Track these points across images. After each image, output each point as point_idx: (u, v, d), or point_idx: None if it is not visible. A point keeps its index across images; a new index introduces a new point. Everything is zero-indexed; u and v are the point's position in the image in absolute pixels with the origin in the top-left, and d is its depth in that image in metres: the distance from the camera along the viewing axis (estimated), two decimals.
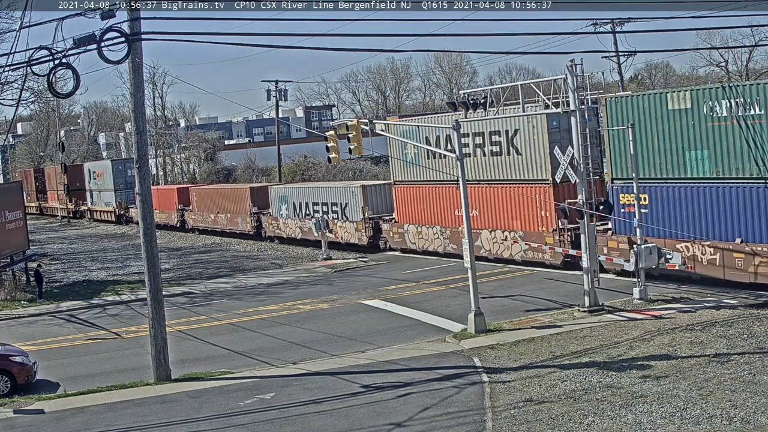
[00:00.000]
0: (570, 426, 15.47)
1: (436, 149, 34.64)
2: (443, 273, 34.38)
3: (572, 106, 25.04)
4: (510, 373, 19.40)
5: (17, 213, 40.57)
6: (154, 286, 21.40)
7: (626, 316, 24.05)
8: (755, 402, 15.83)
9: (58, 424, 18.10)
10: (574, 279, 28.47)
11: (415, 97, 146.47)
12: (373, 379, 19.76)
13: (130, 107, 21.84)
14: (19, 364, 21.25)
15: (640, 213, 26.60)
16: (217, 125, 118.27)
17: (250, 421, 17.39)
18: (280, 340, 24.99)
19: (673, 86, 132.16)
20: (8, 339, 25.74)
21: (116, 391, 20.31)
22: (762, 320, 22.21)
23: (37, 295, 35.96)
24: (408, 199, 40.30)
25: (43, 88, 41.20)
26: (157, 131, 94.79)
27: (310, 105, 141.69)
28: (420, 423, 16.42)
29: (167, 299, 26.91)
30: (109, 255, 52.06)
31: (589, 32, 47.41)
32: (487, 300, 26.69)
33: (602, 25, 54.68)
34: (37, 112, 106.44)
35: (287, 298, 32.20)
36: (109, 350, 25.72)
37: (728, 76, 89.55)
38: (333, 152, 28.91)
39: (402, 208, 40.78)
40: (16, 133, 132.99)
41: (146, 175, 21.51)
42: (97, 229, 74.78)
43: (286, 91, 70.76)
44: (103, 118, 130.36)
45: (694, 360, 19.12)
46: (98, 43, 17.97)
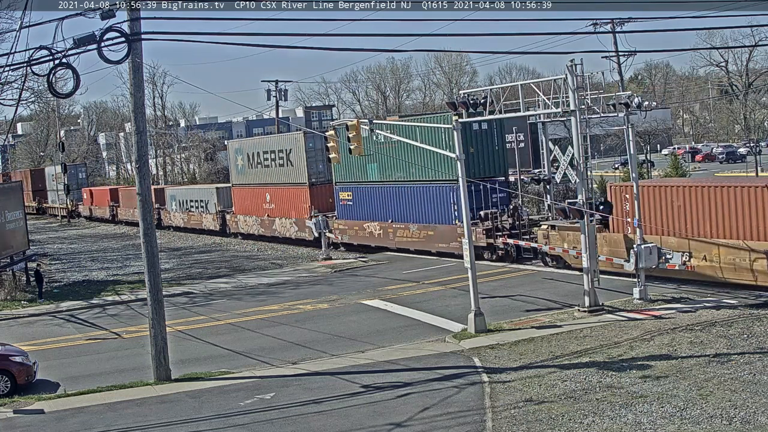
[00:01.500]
0: (570, 426, 15.47)
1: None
2: (443, 273, 34.38)
3: (572, 106, 25.03)
4: (510, 373, 19.40)
5: (17, 213, 40.59)
6: (154, 286, 21.39)
7: (626, 316, 24.05)
8: (755, 402, 15.83)
9: (58, 424, 18.10)
10: (574, 279, 28.48)
11: (415, 97, 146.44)
12: (373, 379, 19.76)
13: (130, 107, 21.82)
14: (19, 364, 21.24)
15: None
16: (217, 125, 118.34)
17: (250, 421, 17.39)
18: (280, 340, 24.99)
19: (672, 86, 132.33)
20: (8, 339, 25.73)
21: (116, 391, 20.30)
22: (762, 320, 22.21)
23: (37, 295, 35.96)
24: (238, 197, 54.68)
25: (43, 88, 41.20)
26: (157, 131, 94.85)
27: (310, 105, 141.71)
28: (420, 423, 16.42)
29: (167, 299, 26.90)
30: (109, 255, 52.09)
31: (589, 32, 47.47)
32: (487, 300, 26.69)
33: (602, 25, 54.64)
34: (37, 112, 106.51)
35: (287, 298, 32.20)
36: (109, 350, 25.72)
37: (728, 76, 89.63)
38: (333, 152, 28.91)
39: (237, 204, 54.96)
40: (16, 133, 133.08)
41: (146, 175, 21.51)
42: (97, 229, 74.91)
43: (286, 91, 70.82)
44: (103, 118, 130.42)
45: (694, 360, 19.12)
46: (98, 43, 17.95)
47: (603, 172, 74.38)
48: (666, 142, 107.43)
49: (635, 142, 27.49)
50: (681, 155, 78.20)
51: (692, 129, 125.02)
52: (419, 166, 36.98)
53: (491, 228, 34.84)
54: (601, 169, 76.55)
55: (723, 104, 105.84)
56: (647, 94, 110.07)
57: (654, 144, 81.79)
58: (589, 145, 25.96)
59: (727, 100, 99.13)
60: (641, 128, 56.61)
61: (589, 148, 25.92)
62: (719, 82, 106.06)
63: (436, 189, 37.31)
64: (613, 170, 77.37)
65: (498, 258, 34.94)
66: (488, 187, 35.46)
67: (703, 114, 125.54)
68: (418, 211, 38.64)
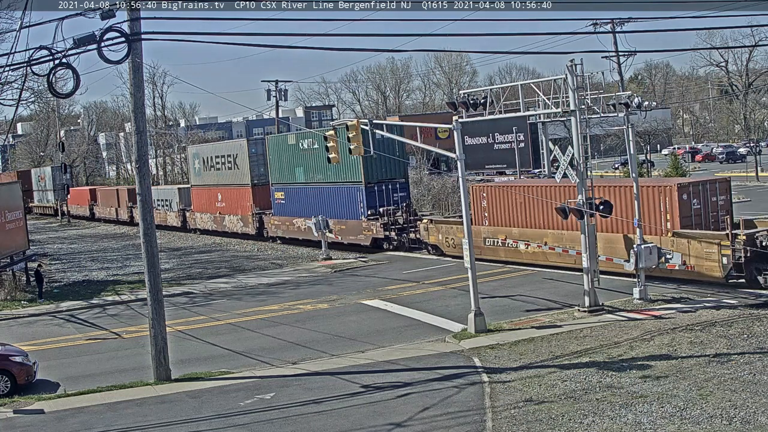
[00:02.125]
0: (570, 426, 15.47)
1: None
2: (443, 273, 34.39)
3: (572, 106, 25.02)
4: (510, 373, 19.40)
5: (17, 213, 40.58)
6: (154, 286, 21.39)
7: (626, 316, 24.04)
8: (755, 402, 15.83)
9: (58, 424, 18.09)
10: (574, 279, 28.48)
11: (415, 97, 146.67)
12: (373, 379, 19.76)
13: (130, 107, 21.82)
14: (19, 364, 21.23)
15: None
16: (217, 125, 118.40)
17: (250, 421, 17.39)
18: (280, 340, 24.99)
19: (672, 86, 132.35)
20: (8, 339, 25.72)
21: (116, 391, 20.29)
22: (762, 320, 22.21)
23: (37, 295, 35.94)
24: (196, 197, 60.47)
25: (43, 88, 41.22)
26: (157, 131, 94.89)
27: (310, 105, 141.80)
28: (420, 423, 16.42)
29: (167, 299, 26.90)
30: (109, 255, 52.09)
31: (589, 32, 47.52)
32: (487, 300, 26.68)
33: (602, 25, 54.72)
34: (37, 112, 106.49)
35: (287, 298, 32.20)
36: (109, 350, 25.72)
37: (728, 76, 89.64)
38: (333, 152, 28.90)
39: (195, 202, 60.81)
40: (16, 133, 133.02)
41: (146, 175, 21.49)
42: (97, 229, 74.92)
43: (286, 91, 70.80)
44: (103, 118, 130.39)
45: (694, 360, 19.12)
46: (98, 43, 17.95)
47: (603, 172, 74.39)
48: (666, 142, 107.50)
49: (635, 142, 27.50)
50: (681, 155, 78.25)
51: (692, 129, 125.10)
52: (334, 171, 42.88)
53: (387, 222, 40.92)
54: (601, 169, 76.59)
55: (723, 104, 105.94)
56: (647, 94, 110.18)
57: (654, 144, 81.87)
58: (589, 145, 25.95)
59: (727, 100, 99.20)
60: (641, 128, 56.59)
61: (589, 148, 25.91)
62: (719, 82, 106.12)
63: (346, 189, 43.09)
64: (613, 170, 77.43)
65: (394, 248, 41.09)
66: (389, 187, 41.64)
67: (703, 114, 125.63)
68: (335, 208, 43.90)
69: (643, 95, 47.50)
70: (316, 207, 44.28)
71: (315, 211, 43.23)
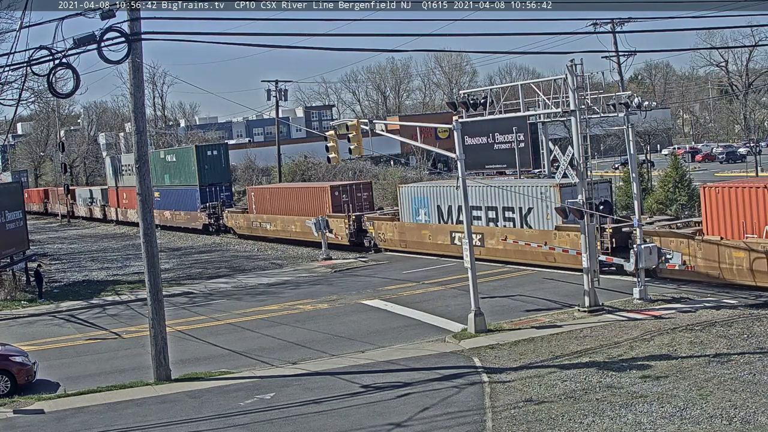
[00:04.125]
0: (570, 426, 15.47)
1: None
2: (443, 273, 34.40)
3: (572, 106, 25.03)
4: (510, 373, 19.40)
5: (17, 213, 40.56)
6: (154, 286, 21.39)
7: (626, 316, 24.05)
8: (755, 402, 15.83)
9: (58, 424, 18.10)
10: (574, 279, 28.48)
11: (415, 97, 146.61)
12: (373, 379, 19.76)
13: (130, 107, 21.82)
14: (19, 364, 21.24)
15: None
16: (217, 125, 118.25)
17: (250, 421, 17.39)
18: (280, 340, 24.99)
19: (672, 86, 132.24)
20: (8, 339, 25.73)
21: (116, 391, 20.30)
22: (762, 320, 22.21)
23: (37, 295, 35.93)
24: (113, 195, 73.63)
25: (43, 88, 41.17)
26: (157, 131, 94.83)
27: (310, 105, 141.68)
28: (420, 423, 16.42)
29: (167, 299, 26.90)
30: (109, 255, 52.09)
31: (589, 32, 47.46)
32: (487, 300, 26.69)
33: (602, 25, 54.62)
34: (37, 112, 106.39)
35: (287, 298, 32.20)
36: (109, 350, 25.72)
37: (728, 76, 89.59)
38: (333, 152, 28.88)
39: (112, 199, 73.86)
40: (16, 133, 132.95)
41: (146, 175, 21.50)
42: (97, 229, 74.93)
43: (286, 91, 70.68)
44: (103, 118, 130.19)
45: (694, 360, 19.12)
46: (98, 43, 17.95)
47: (603, 172, 74.35)
48: (666, 142, 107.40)
49: (635, 142, 27.50)
50: (681, 155, 78.10)
51: (692, 129, 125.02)
52: (184, 177, 61.50)
53: (210, 213, 58.36)
54: (601, 169, 76.55)
55: (723, 104, 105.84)
56: (647, 94, 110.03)
57: (654, 144, 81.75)
58: (589, 145, 25.95)
59: (727, 100, 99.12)
60: (641, 128, 56.52)
61: (589, 148, 25.91)
62: (719, 82, 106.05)
63: (187, 190, 60.91)
64: (613, 170, 77.35)
65: (214, 233, 58.34)
66: (217, 189, 59.33)
67: (703, 114, 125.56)
68: (184, 203, 61.82)
69: (643, 95, 47.42)
70: (175, 202, 63.08)
71: (175, 206, 63.12)
